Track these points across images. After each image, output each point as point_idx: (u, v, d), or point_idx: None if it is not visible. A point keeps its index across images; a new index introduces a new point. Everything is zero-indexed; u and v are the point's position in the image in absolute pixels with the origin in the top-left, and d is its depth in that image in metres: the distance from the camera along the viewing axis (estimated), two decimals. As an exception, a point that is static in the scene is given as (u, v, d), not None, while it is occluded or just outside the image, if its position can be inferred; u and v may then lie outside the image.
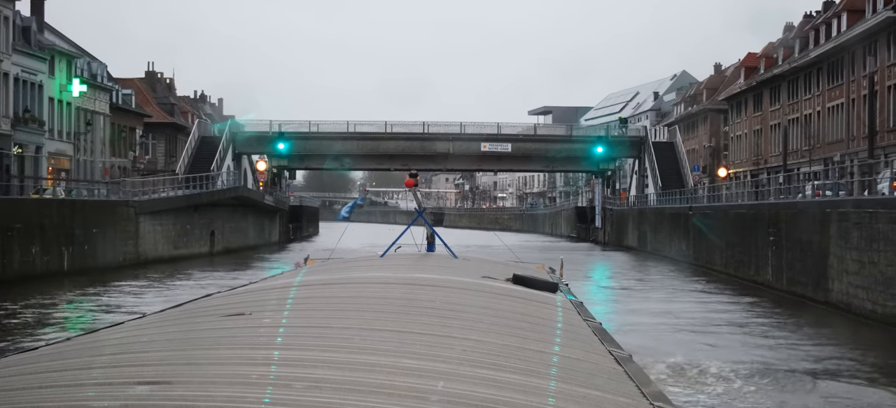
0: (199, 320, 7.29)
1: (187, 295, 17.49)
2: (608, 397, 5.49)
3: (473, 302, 8.52)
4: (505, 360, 5.93)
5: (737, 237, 39.01)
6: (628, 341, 11.62)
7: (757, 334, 23.33)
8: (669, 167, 66.89)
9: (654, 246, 56.62)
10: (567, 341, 7.40)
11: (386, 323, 6.78)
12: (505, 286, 10.09)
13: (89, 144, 64.45)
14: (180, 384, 4.71)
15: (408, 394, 4.62)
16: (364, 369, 5.12)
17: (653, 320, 25.60)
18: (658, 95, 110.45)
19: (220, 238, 55.77)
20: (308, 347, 5.75)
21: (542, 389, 5.35)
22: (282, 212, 72.01)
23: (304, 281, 10.14)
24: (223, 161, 64.31)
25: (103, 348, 6.07)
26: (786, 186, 42.49)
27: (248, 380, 4.81)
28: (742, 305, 30.32)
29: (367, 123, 72.17)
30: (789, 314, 27.60)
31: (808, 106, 59.88)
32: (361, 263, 13.13)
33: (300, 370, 4.99)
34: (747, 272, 36.91)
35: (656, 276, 42.09)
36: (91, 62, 66.82)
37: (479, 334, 6.72)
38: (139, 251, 44.79)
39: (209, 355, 5.55)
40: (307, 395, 4.44)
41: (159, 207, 47.52)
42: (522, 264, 14.08)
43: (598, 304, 26.26)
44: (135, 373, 5.11)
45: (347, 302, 8.12)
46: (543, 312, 8.80)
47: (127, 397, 4.40)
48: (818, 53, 57.11)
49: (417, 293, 8.61)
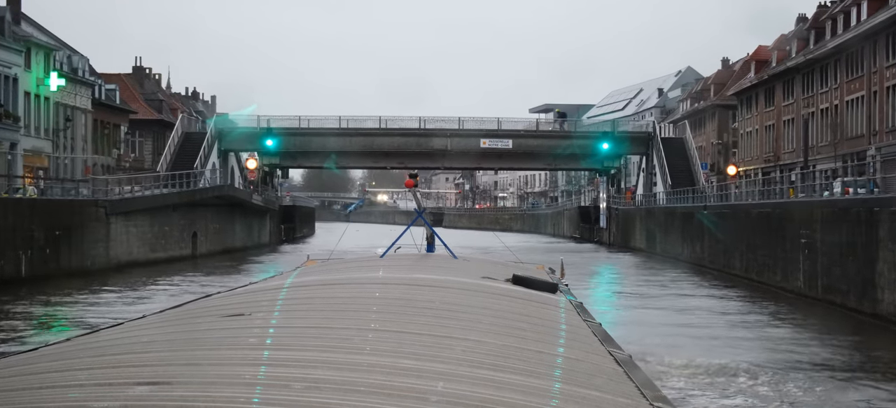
0: (199, 320, 7.33)
1: (159, 304, 15.69)
2: (608, 397, 5.51)
3: (473, 302, 8.54)
4: (504, 360, 5.96)
5: (760, 239, 35.21)
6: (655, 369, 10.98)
7: (803, 357, 19.24)
8: (679, 164, 63.04)
9: (663, 247, 53.10)
10: (567, 341, 7.42)
11: (385, 323, 6.86)
12: (505, 287, 10.14)
13: (69, 142, 61.13)
14: (180, 384, 4.76)
15: (407, 394, 4.67)
16: (363, 369, 5.17)
17: (677, 335, 21.88)
18: (662, 92, 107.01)
19: (203, 240, 51.98)
20: (307, 347, 5.82)
21: (541, 389, 5.38)
22: (272, 212, 67.98)
23: (304, 281, 10.20)
24: (207, 158, 60.80)
25: (103, 348, 6.16)
26: (817, 182, 38.49)
27: (247, 380, 4.85)
28: (775, 316, 26.32)
29: (361, 118, 68.28)
30: (829, 327, 23.54)
31: (824, 99, 56.71)
32: (361, 263, 13.20)
33: (299, 370, 5.04)
34: (773, 278, 33.09)
35: (670, 280, 39.15)
36: (72, 55, 63.57)
37: (478, 334, 6.79)
38: (110, 255, 41.04)
39: (209, 355, 5.62)
40: (306, 395, 4.50)
41: (133, 207, 43.92)
42: (522, 265, 14.06)
43: (609, 311, 24.52)
44: (135, 373, 5.16)
45: (347, 302, 8.14)
46: (543, 312, 8.83)
47: (127, 397, 4.47)
48: (836, 44, 53.53)
49: (417, 294, 8.64)
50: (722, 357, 18.85)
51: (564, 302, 9.94)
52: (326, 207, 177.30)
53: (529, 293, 9.88)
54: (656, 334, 21.90)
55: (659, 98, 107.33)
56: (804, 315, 27.24)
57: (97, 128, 68.30)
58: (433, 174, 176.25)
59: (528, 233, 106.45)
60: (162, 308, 9.74)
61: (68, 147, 63.19)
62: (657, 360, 17.23)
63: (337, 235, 20.41)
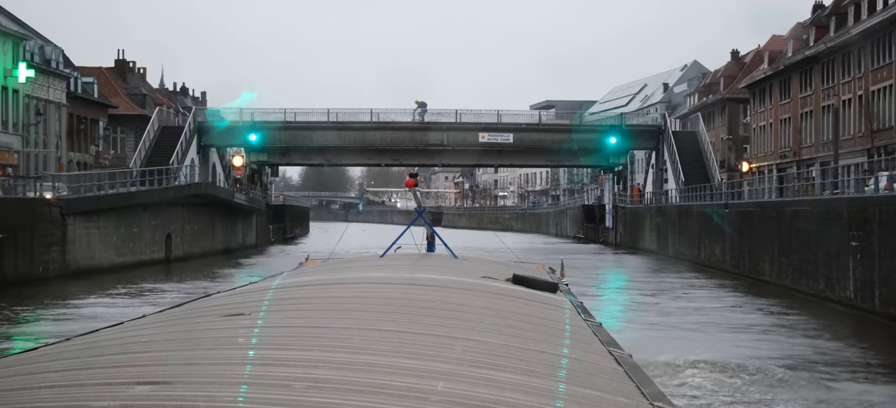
0: (199, 320, 7.29)
1: (103, 322, 12.19)
2: (609, 397, 5.49)
3: (473, 302, 8.53)
4: (505, 360, 5.96)
5: (797, 240, 30.21)
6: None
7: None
8: (692, 160, 58.31)
9: (677, 249, 48.85)
10: (567, 341, 7.36)
11: (385, 323, 6.84)
12: (505, 286, 10.07)
13: (41, 137, 56.25)
14: (180, 384, 4.76)
15: (407, 394, 4.69)
16: (364, 369, 5.18)
17: (722, 373, 16.83)
18: (668, 87, 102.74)
19: (178, 242, 47.45)
20: (307, 347, 5.78)
21: (542, 389, 5.39)
22: (259, 212, 62.97)
23: (304, 281, 10.02)
24: (185, 154, 56.11)
25: (103, 348, 6.12)
26: (855, 177, 33.75)
27: (247, 380, 4.86)
28: (830, 334, 21.50)
29: (353, 111, 63.31)
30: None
31: (848, 89, 51.42)
32: (361, 263, 13.18)
33: (299, 370, 5.04)
34: (814, 285, 28.71)
35: (689, 286, 37.08)
36: (44, 46, 59.59)
37: (478, 334, 6.79)
38: (67, 260, 36.57)
39: (209, 354, 5.59)
40: (306, 395, 4.51)
41: (95, 206, 39.35)
42: (522, 265, 14.04)
43: (626, 329, 20.82)
44: (135, 373, 5.15)
45: (347, 302, 8.10)
46: (543, 312, 8.74)
47: (127, 397, 4.46)
48: (862, 29, 48.63)
49: (417, 293, 8.66)
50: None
51: (565, 302, 9.92)
52: (324, 207, 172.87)
53: (530, 293, 9.84)
54: (693, 372, 17.03)
55: (664, 93, 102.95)
56: (864, 333, 22.36)
57: (73, 123, 63.57)
58: (432, 173, 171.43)
59: (530, 233, 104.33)
60: (161, 308, 9.77)
61: (40, 143, 58.44)
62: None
63: (332, 236, 18.77)
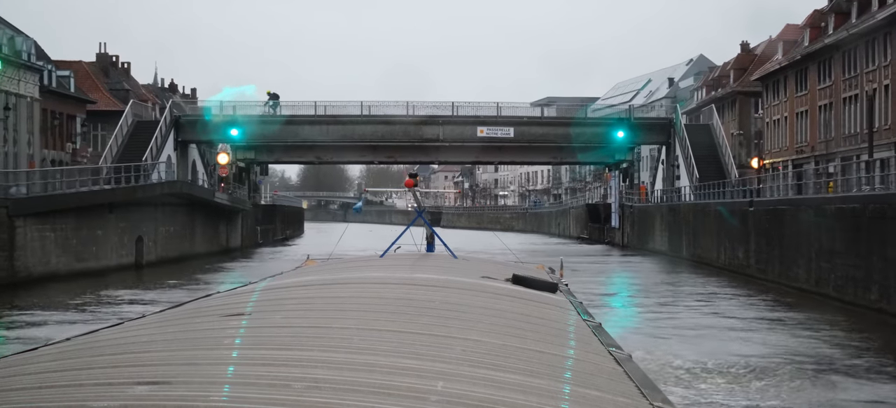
0: (199, 320, 7.28)
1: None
2: (608, 397, 5.53)
3: (473, 302, 8.50)
4: (504, 360, 5.99)
5: (842, 243, 26.06)
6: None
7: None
8: (706, 155, 53.94)
9: (692, 251, 45.59)
10: (567, 341, 7.51)
11: (385, 323, 6.85)
12: (505, 286, 10.04)
13: (11, 133, 51.73)
14: (180, 384, 4.77)
15: (407, 394, 4.71)
16: (363, 369, 5.20)
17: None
18: (673, 82, 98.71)
19: (151, 246, 43.38)
20: (307, 347, 5.80)
21: (541, 389, 5.41)
22: (245, 212, 58.41)
23: (304, 281, 9.98)
24: (161, 150, 51.63)
25: (103, 348, 6.13)
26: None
27: (247, 380, 4.89)
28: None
29: (342, 104, 59.03)
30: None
31: (871, 79, 47.14)
32: (361, 263, 13.15)
33: (299, 370, 5.06)
34: (864, 295, 25.15)
35: (712, 294, 33.18)
36: (15, 36, 55.65)
37: (478, 334, 6.82)
38: (16, 266, 32.94)
39: (209, 354, 5.61)
40: (306, 395, 4.52)
41: (49, 207, 35.01)
42: (522, 265, 14.18)
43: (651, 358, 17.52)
44: (135, 373, 5.16)
45: (347, 302, 8.07)
46: (543, 312, 8.76)
47: (127, 397, 4.46)
48: (889, 13, 44.03)
49: (417, 293, 8.68)
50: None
51: (564, 302, 9.91)
52: (323, 207, 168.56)
53: (529, 293, 9.79)
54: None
55: (669, 88, 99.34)
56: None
57: (47, 118, 59.22)
58: (431, 172, 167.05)
59: (531, 233, 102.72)
60: (161, 308, 9.81)
61: (10, 139, 54.00)
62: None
63: (326, 237, 18.35)
